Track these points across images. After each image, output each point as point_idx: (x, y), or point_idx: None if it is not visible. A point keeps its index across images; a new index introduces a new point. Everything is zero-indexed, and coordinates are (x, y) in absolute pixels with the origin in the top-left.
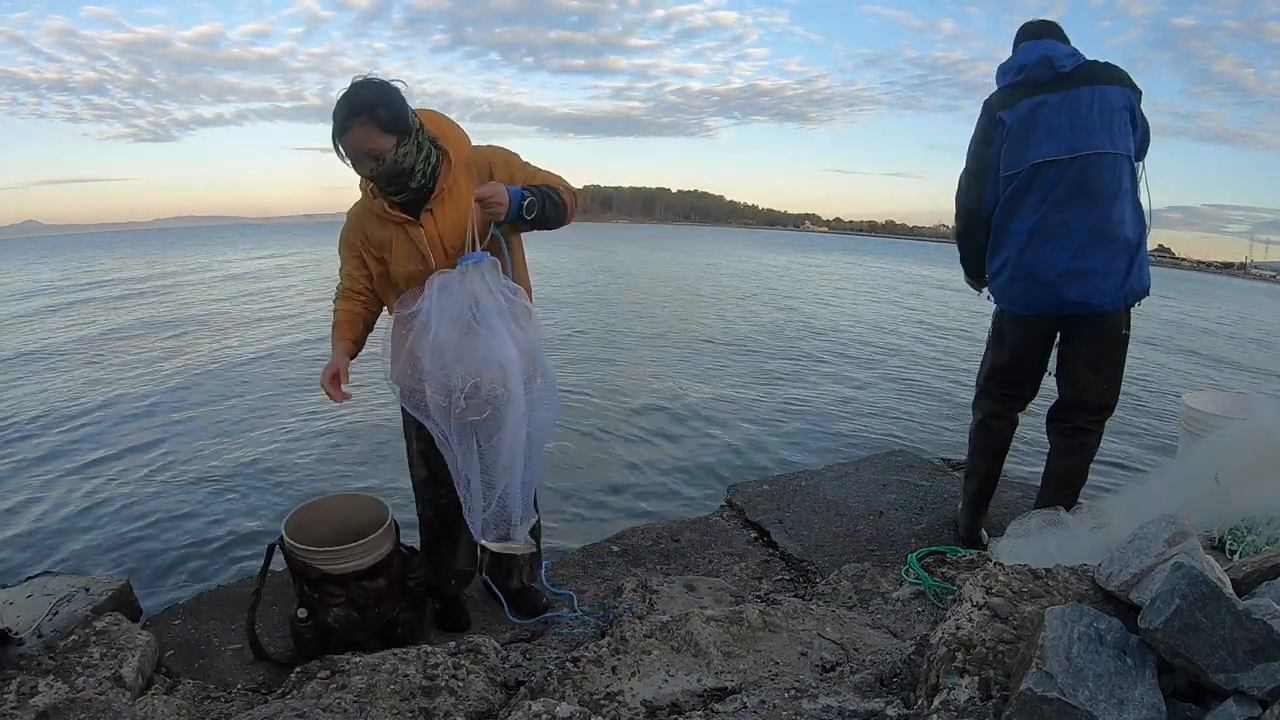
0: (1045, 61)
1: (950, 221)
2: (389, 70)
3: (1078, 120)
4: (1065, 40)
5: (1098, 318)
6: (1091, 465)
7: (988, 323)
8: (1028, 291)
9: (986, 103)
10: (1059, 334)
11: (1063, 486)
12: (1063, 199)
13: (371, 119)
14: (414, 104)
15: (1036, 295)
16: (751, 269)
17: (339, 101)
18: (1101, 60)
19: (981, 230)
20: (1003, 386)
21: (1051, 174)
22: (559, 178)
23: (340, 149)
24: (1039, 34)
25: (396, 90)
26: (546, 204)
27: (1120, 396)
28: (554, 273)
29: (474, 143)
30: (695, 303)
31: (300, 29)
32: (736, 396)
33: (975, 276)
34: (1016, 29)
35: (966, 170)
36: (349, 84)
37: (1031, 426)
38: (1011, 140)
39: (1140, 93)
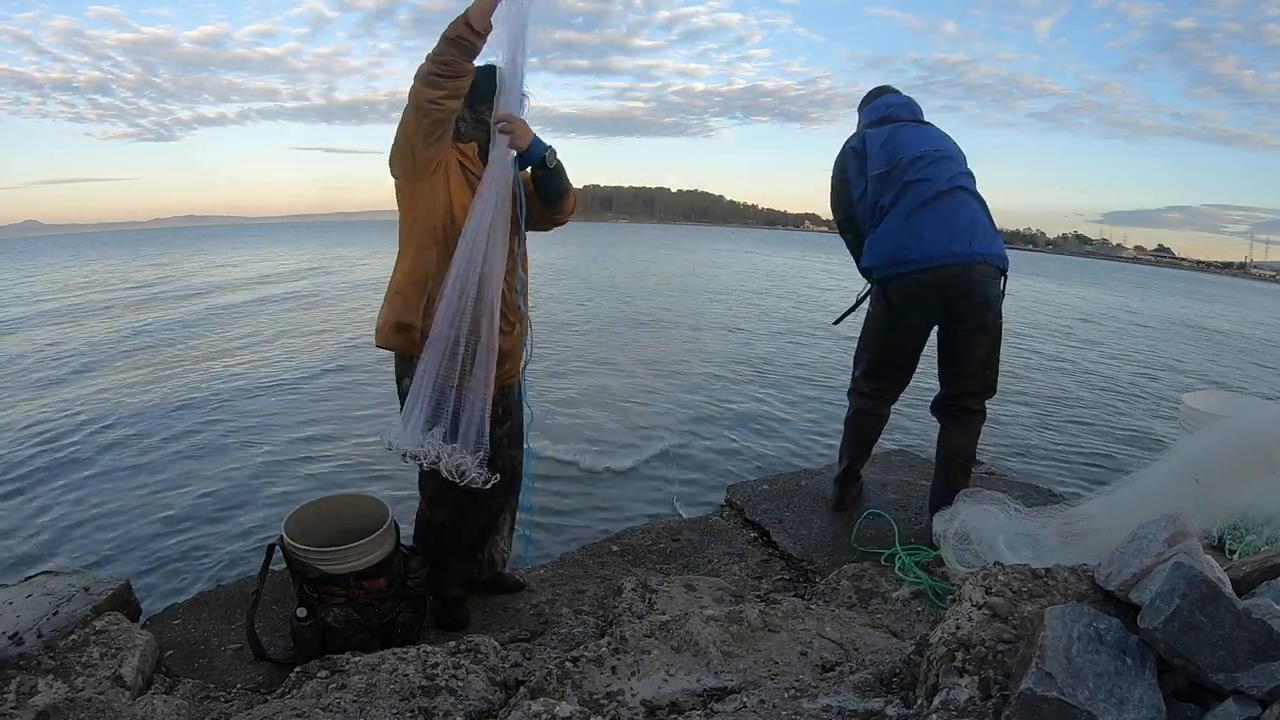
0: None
1: None
2: (392, 70)
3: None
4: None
5: None
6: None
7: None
8: None
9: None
10: None
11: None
12: None
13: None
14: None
15: None
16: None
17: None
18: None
19: None
20: None
21: None
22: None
23: None
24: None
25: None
26: (563, 171)
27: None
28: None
29: None
30: (694, 300)
31: (306, 29)
32: (736, 395)
33: None
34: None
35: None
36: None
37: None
38: None
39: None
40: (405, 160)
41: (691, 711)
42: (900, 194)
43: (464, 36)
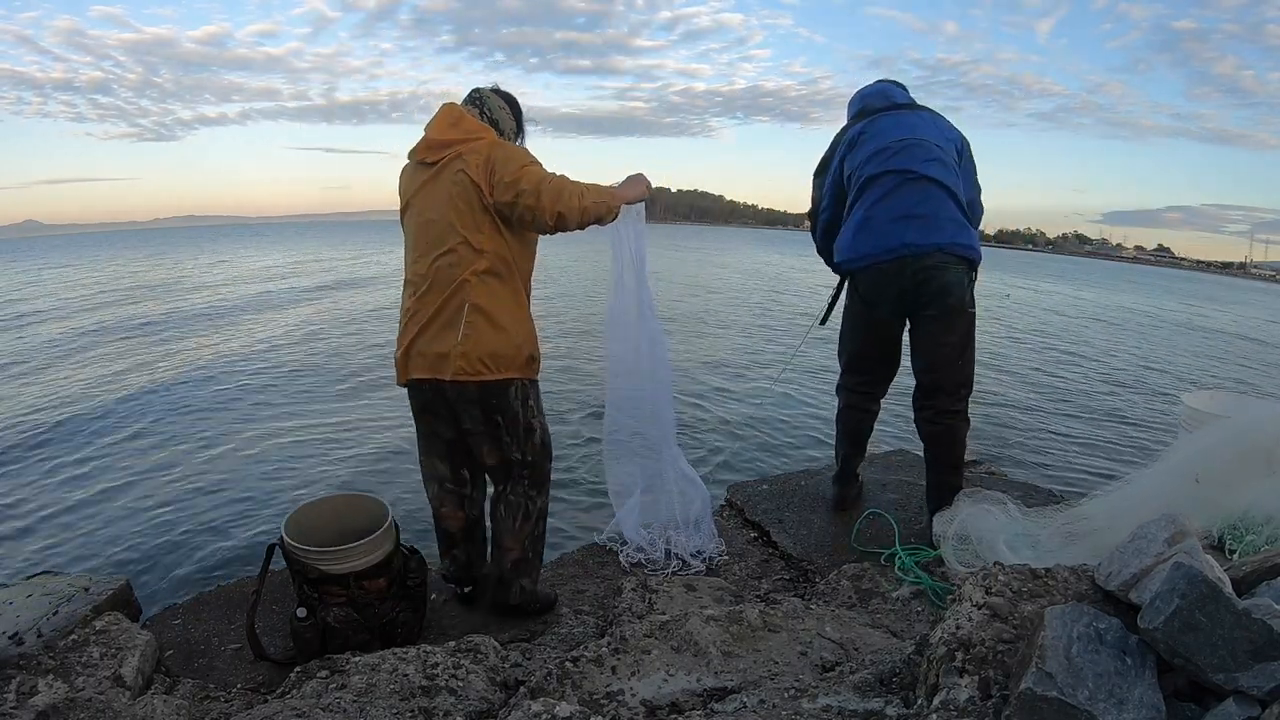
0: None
1: None
2: (393, 70)
3: None
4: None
5: None
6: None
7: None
8: None
9: None
10: None
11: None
12: None
13: None
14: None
15: None
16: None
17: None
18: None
19: None
20: None
21: None
22: None
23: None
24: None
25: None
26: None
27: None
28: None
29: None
30: (694, 299)
31: (308, 29)
32: (736, 395)
33: None
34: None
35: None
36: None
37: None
38: None
39: None
40: (526, 224)
41: (691, 711)
42: (862, 189)
43: (608, 218)
